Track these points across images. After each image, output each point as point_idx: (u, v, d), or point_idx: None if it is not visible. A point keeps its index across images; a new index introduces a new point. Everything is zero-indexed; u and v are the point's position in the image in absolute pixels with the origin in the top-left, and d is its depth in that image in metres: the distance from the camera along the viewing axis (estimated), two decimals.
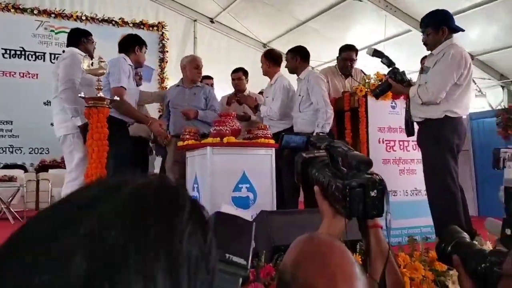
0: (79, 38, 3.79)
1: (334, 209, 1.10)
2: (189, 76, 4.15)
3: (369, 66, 4.77)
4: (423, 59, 4.63)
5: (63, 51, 6.05)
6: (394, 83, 3.28)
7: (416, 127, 3.35)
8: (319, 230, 1.11)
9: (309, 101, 3.83)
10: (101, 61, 3.11)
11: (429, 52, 3.26)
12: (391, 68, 3.30)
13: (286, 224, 2.50)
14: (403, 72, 3.32)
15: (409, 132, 3.39)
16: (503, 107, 6.98)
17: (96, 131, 2.93)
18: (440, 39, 3.13)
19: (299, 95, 3.93)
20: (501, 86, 7.83)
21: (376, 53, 3.35)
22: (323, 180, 1.12)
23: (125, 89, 3.53)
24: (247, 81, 4.69)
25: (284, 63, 4.27)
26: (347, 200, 1.02)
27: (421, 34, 3.28)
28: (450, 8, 5.84)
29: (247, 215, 0.77)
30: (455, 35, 3.21)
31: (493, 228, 2.19)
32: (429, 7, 6.06)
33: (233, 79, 4.70)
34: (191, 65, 4.16)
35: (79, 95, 3.01)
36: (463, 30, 3.24)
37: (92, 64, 3.06)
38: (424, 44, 3.24)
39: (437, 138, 3.07)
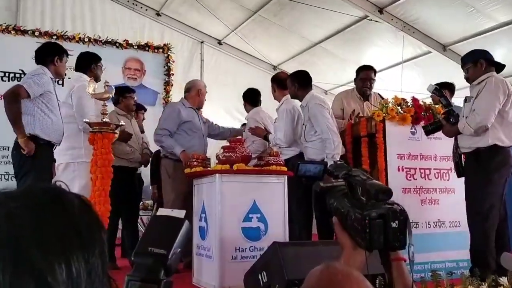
0: (89, 64, 3.88)
1: (354, 241, 1.13)
2: (201, 101, 4.39)
3: (385, 91, 4.87)
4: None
5: (69, 78, 6.24)
6: (447, 126, 3.48)
7: None
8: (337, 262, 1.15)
9: (313, 130, 3.92)
10: (107, 85, 3.24)
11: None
12: (448, 109, 3.50)
13: (300, 256, 2.54)
14: (457, 115, 3.50)
15: (460, 172, 3.54)
16: None
17: (101, 157, 3.02)
18: (479, 72, 3.37)
19: (303, 124, 4.04)
20: None
21: (436, 92, 3.56)
22: (342, 210, 1.15)
23: (27, 92, 3.30)
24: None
25: None
26: (367, 232, 1.05)
27: (462, 69, 3.52)
28: (473, 29, 6.02)
29: (181, 213, 0.91)
30: None
31: (507, 264, 2.25)
32: (449, 28, 6.23)
33: None
34: (204, 91, 4.43)
35: (84, 120, 3.13)
36: (503, 66, 3.47)
37: (96, 88, 3.19)
38: (466, 80, 3.49)
39: (485, 167, 3.25)
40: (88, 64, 3.88)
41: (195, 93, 4.41)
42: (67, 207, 0.57)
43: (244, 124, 5.01)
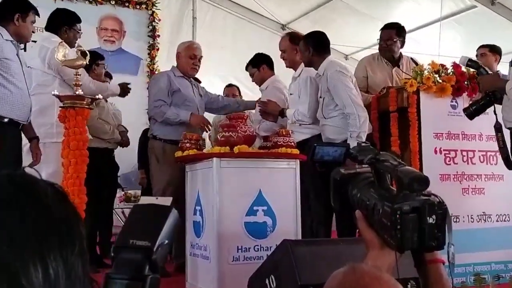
0: (60, 24, 3.89)
1: (381, 240, 1.13)
2: (185, 67, 4.35)
3: (419, 55, 4.83)
4: (479, 49, 4.79)
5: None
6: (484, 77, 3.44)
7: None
8: (363, 263, 1.16)
9: (333, 103, 3.88)
10: (80, 49, 3.23)
11: None
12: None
13: (316, 257, 2.55)
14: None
15: (509, 163, 3.49)
16: None
17: (74, 137, 3.03)
18: None
19: (320, 97, 4.00)
20: None
21: (471, 63, 3.51)
22: (368, 203, 1.16)
23: None
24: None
25: None
26: (398, 229, 1.05)
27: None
28: None
29: (167, 201, 0.95)
30: None
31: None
32: None
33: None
34: (186, 53, 4.34)
35: (52, 92, 3.13)
36: None
37: (67, 53, 3.18)
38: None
39: None
40: (58, 25, 3.88)
41: (177, 58, 4.46)
42: (39, 198, 0.57)
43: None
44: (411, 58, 4.61)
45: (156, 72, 6.80)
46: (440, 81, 3.86)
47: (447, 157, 3.88)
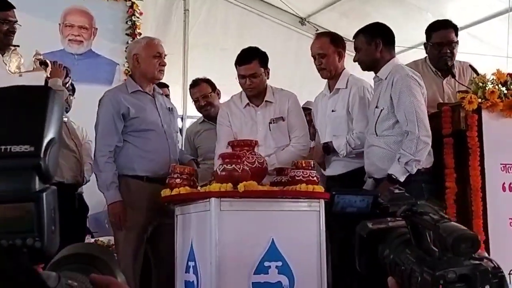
0: None
1: None
2: (145, 71, 4.30)
3: (480, 60, 4.83)
4: None
5: None
6: None
7: None
8: None
9: (393, 118, 3.90)
10: (38, 59, 3.28)
11: None
12: None
13: None
14: None
15: None
16: None
17: None
18: None
19: (376, 107, 4.01)
20: None
21: None
22: (403, 268, 1.17)
23: None
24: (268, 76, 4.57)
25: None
26: None
27: None
28: None
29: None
30: None
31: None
32: None
33: (242, 76, 4.44)
34: (147, 52, 4.31)
35: None
36: None
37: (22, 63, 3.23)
38: None
39: None
40: None
41: (133, 64, 4.42)
42: None
43: None
44: (470, 65, 4.59)
45: None
46: (509, 96, 3.88)
47: None
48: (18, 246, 0.69)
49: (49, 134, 0.74)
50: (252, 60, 4.35)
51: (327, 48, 4.34)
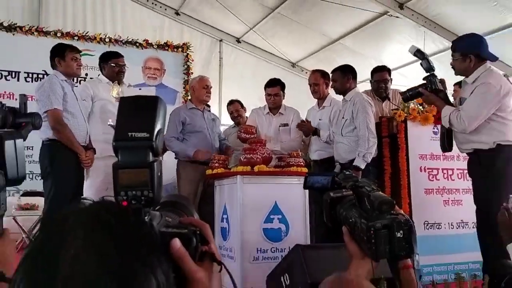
0: (101, 62, 3.94)
1: (362, 250, 1.16)
2: (198, 98, 4.31)
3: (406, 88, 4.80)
4: (455, 85, 4.59)
5: (86, 74, 6.29)
6: (426, 93, 3.21)
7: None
8: (347, 271, 1.19)
9: (352, 125, 3.88)
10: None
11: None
12: (427, 75, 3.22)
13: (323, 259, 2.56)
14: (442, 81, 3.31)
15: (444, 146, 3.30)
16: None
17: None
18: (468, 67, 3.12)
19: (343, 118, 3.99)
20: None
21: (418, 54, 3.28)
22: (351, 220, 1.19)
23: (61, 110, 3.39)
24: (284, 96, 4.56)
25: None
26: (373, 242, 1.08)
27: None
28: (496, 24, 5.90)
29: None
30: None
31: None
32: (471, 23, 6.13)
33: (268, 95, 4.46)
34: (200, 85, 4.32)
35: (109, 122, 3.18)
36: (495, 59, 3.17)
37: (121, 92, 3.24)
38: (452, 68, 3.25)
39: (488, 170, 3.02)
40: (101, 62, 3.95)
41: (191, 92, 4.46)
42: (128, 221, 0.59)
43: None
44: (398, 91, 4.56)
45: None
46: (424, 111, 3.86)
47: (430, 175, 3.86)
48: (137, 200, 0.71)
49: (158, 126, 0.75)
50: (276, 85, 4.46)
51: (319, 80, 4.31)
